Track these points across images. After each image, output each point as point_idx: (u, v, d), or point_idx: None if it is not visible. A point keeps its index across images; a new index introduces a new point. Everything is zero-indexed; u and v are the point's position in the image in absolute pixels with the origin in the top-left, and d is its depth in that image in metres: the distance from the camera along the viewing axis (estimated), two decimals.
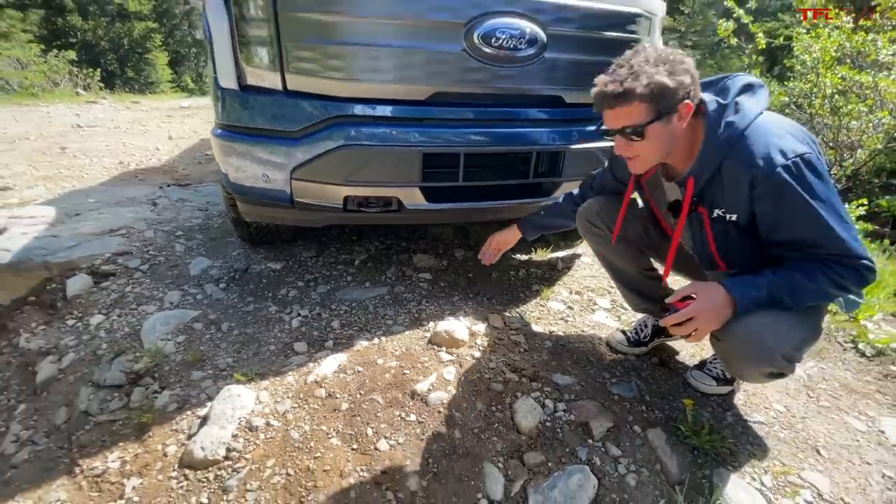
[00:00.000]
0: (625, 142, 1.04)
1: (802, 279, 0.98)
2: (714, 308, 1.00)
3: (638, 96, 0.96)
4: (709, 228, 1.09)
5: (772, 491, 1.10)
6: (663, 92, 0.96)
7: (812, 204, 0.94)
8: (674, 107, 0.98)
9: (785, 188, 0.94)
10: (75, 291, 1.93)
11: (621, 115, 1.00)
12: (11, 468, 1.34)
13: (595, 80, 1.03)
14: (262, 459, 1.17)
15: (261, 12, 1.40)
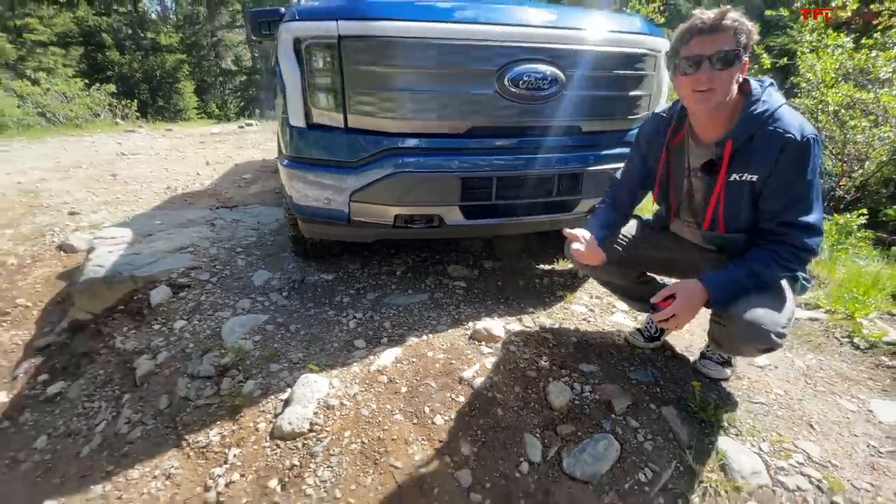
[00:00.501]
0: (710, 70, 1.17)
1: (759, 266, 1.23)
2: (690, 304, 1.24)
3: (731, 28, 1.14)
4: (723, 188, 1.29)
5: (768, 455, 1.31)
6: (747, 31, 1.16)
7: (808, 175, 1.19)
8: (746, 52, 1.17)
9: (805, 154, 1.18)
10: (158, 301, 2.23)
11: (714, 40, 1.15)
12: (127, 444, 1.62)
13: (689, 17, 1.23)
14: (340, 431, 1.43)
15: (329, 67, 1.71)
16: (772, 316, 1.23)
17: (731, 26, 1.14)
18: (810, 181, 1.20)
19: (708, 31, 1.16)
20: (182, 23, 20.99)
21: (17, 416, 1.94)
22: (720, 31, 1.15)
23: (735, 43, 1.15)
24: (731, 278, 1.24)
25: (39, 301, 2.65)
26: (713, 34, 1.15)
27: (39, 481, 1.61)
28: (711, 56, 1.16)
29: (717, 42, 1.15)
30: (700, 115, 1.30)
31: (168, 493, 1.41)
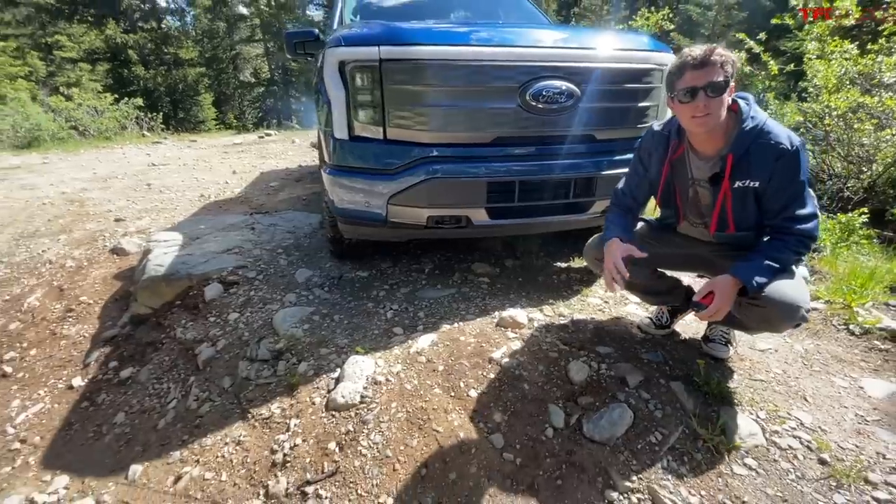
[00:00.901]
0: (705, 98, 1.36)
1: (776, 254, 1.43)
2: (729, 295, 1.42)
3: (718, 62, 1.34)
4: (730, 195, 1.48)
5: (765, 421, 1.49)
6: (731, 62, 1.36)
7: (801, 176, 1.39)
8: (732, 79, 1.38)
9: (796, 161, 1.38)
10: (212, 296, 2.48)
11: (707, 72, 1.35)
12: (198, 417, 1.86)
13: (678, 55, 1.43)
14: (387, 402, 1.64)
15: (371, 86, 1.94)
16: (799, 293, 1.44)
17: (718, 61, 1.34)
18: (802, 181, 1.41)
19: (699, 66, 1.35)
20: (201, 37, 21.74)
21: (95, 397, 2.19)
22: (709, 66, 1.35)
23: (723, 74, 1.35)
24: (757, 266, 1.42)
25: (100, 299, 2.92)
26: (704, 68, 1.35)
27: (122, 450, 1.86)
28: (705, 87, 1.35)
29: (708, 75, 1.35)
30: (699, 135, 1.50)
31: (239, 456, 1.64)
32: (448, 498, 1.36)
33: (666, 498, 1.28)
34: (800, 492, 1.28)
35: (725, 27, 15.34)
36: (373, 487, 1.41)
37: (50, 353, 2.54)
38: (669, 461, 1.39)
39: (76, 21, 18.30)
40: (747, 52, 4.63)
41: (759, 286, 1.41)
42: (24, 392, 2.33)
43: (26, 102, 10.85)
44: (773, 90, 4.91)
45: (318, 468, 1.49)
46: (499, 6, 3.86)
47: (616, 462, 1.40)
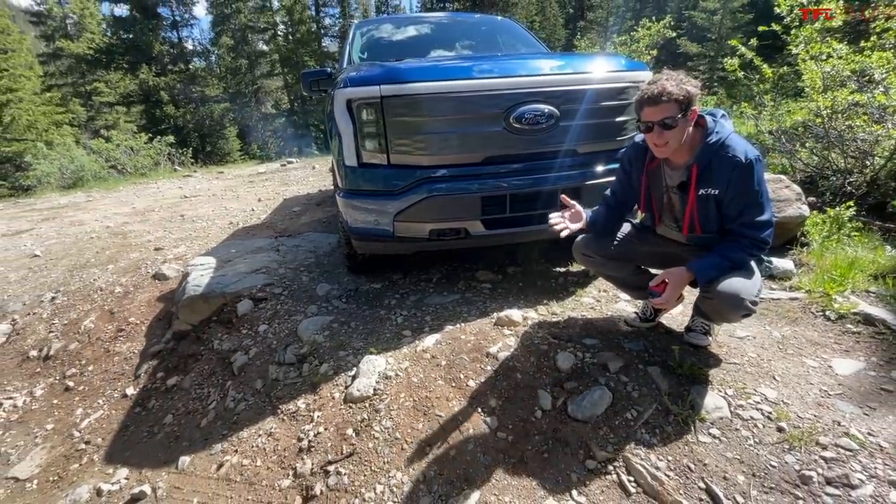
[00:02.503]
0: (659, 131, 1.56)
1: (728, 252, 1.62)
2: (680, 285, 1.64)
3: (673, 98, 1.50)
4: (695, 201, 1.68)
5: (731, 398, 1.65)
6: (687, 97, 1.51)
7: (756, 186, 1.56)
8: (689, 109, 1.54)
9: (750, 172, 1.55)
10: (243, 311, 2.78)
11: (660, 110, 1.52)
12: (235, 415, 2.13)
13: (641, 90, 1.60)
14: (397, 393, 1.88)
15: (374, 119, 2.23)
16: (746, 287, 1.62)
17: (670, 99, 1.51)
18: (758, 190, 1.57)
19: (653, 104, 1.54)
20: (225, 74, 23.05)
21: (146, 403, 2.50)
22: (661, 104, 1.52)
23: (676, 109, 1.52)
24: (709, 262, 1.63)
25: (145, 319, 3.27)
26: (657, 106, 1.53)
27: (172, 445, 2.14)
28: (659, 122, 1.55)
29: (661, 111, 1.53)
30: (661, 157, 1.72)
31: (271, 445, 1.89)
32: (449, 470, 1.57)
33: (637, 464, 1.46)
34: (756, 454, 1.44)
35: (731, 30, 15.37)
36: (384, 464, 1.63)
37: (105, 368, 2.88)
38: (642, 433, 1.57)
39: (112, 68, 19.76)
40: (740, 59, 4.77)
41: (708, 279, 1.60)
42: (85, 402, 2.66)
43: (71, 146, 11.79)
44: (769, 92, 5.02)
45: (338, 450, 1.73)
46: (497, 35, 4.16)
47: (596, 436, 1.59)
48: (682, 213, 1.78)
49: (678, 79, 1.55)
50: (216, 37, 22.85)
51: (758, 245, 1.62)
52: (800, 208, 2.97)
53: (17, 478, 2.19)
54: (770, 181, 3.12)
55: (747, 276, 1.65)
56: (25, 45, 15.87)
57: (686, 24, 17.70)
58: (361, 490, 1.57)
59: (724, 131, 1.61)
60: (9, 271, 4.30)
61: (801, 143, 4.67)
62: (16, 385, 2.91)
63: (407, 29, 4.08)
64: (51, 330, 3.29)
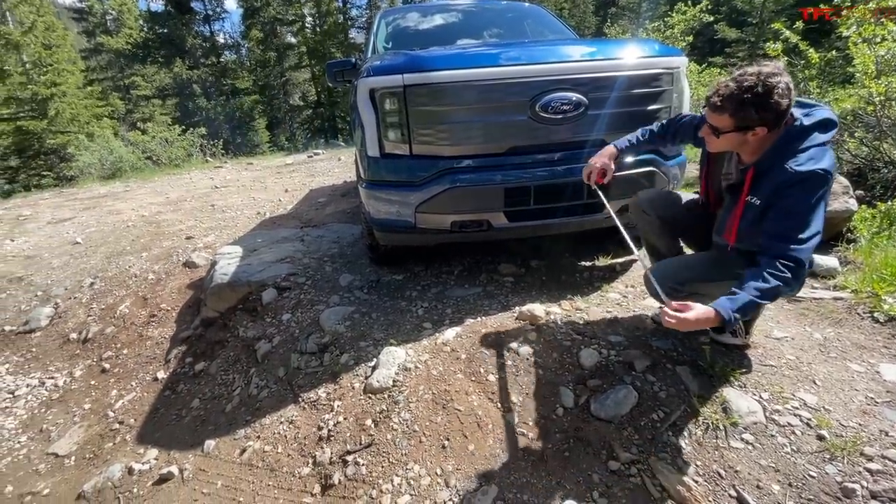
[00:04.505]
0: (709, 132, 1.46)
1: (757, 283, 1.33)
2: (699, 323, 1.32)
3: (727, 113, 1.36)
4: (742, 207, 1.48)
5: (767, 402, 1.56)
6: (745, 119, 1.34)
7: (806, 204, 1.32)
8: (751, 128, 1.36)
9: (803, 186, 1.32)
10: (268, 300, 2.83)
11: (713, 117, 1.41)
12: (258, 402, 2.16)
13: (715, 84, 1.42)
14: (416, 386, 1.86)
15: (397, 109, 2.20)
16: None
17: (729, 113, 1.36)
18: (807, 210, 1.32)
19: (713, 109, 1.40)
20: (255, 67, 23.48)
21: (175, 387, 2.58)
22: (720, 113, 1.39)
23: (728, 125, 1.38)
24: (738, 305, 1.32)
25: (176, 306, 3.37)
26: (716, 112, 1.40)
27: (198, 429, 2.20)
28: (711, 125, 1.45)
29: (717, 120, 1.41)
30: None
31: (292, 433, 1.92)
32: (467, 465, 1.55)
33: (663, 467, 1.40)
34: (793, 463, 1.36)
35: (774, 13, 14.53)
36: (402, 456, 1.63)
37: (138, 352, 2.99)
38: (670, 436, 1.50)
39: (149, 62, 20.44)
40: (783, 43, 4.50)
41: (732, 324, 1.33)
42: (119, 384, 2.77)
43: (110, 138, 12.29)
44: (814, 79, 4.73)
45: (357, 440, 1.73)
46: (525, 22, 4.05)
47: (619, 437, 1.54)
48: (728, 216, 1.58)
49: (754, 90, 1.31)
50: (246, 30, 23.25)
51: (787, 264, 1.32)
52: (847, 202, 2.79)
53: (57, 454, 2.31)
54: None
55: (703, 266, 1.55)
56: (69, 41, 16.55)
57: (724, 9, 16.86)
58: (379, 481, 1.57)
59: (803, 140, 1.36)
60: (52, 257, 4.51)
61: (849, 133, 4.37)
62: (57, 366, 3.06)
63: (432, 17, 4.02)
64: (89, 314, 3.44)
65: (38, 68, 14.76)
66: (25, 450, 2.37)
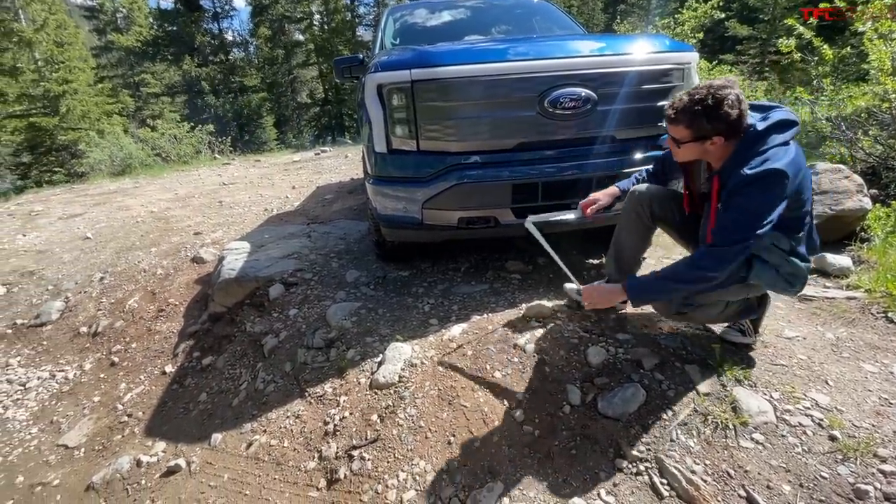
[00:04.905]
0: (671, 143, 1.54)
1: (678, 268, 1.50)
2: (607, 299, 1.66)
3: (682, 124, 1.44)
4: (713, 216, 1.50)
5: (778, 401, 1.54)
6: (700, 129, 1.41)
7: (750, 201, 1.36)
8: (707, 138, 1.42)
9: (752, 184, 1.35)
10: (275, 295, 2.84)
11: (671, 129, 1.49)
12: (265, 396, 2.17)
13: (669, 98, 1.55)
14: (422, 381, 1.86)
15: (405, 105, 2.19)
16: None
17: (684, 124, 1.43)
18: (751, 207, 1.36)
19: (669, 121, 1.49)
20: (263, 65, 23.57)
21: (183, 381, 2.60)
22: (675, 125, 1.47)
23: (688, 135, 1.45)
24: (645, 284, 1.55)
25: (184, 300, 3.39)
26: (672, 124, 1.48)
27: (205, 422, 2.21)
28: (672, 137, 1.52)
29: (675, 131, 1.49)
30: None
31: (298, 427, 1.92)
32: (472, 462, 1.54)
33: (671, 466, 1.39)
34: (804, 463, 1.34)
35: (787, 10, 14.31)
36: (408, 452, 1.63)
37: (147, 346, 3.01)
38: (678, 435, 1.48)
39: (158, 60, 20.60)
40: (797, 39, 4.43)
41: (638, 302, 1.62)
42: (128, 377, 2.80)
43: (120, 135, 12.40)
44: (828, 76, 4.65)
45: (363, 436, 1.73)
46: (533, 18, 4.02)
47: (627, 435, 1.52)
48: (705, 223, 1.61)
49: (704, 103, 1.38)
50: (254, 27, 23.34)
51: (713, 255, 1.42)
52: (860, 201, 2.74)
53: (67, 445, 2.33)
54: (828, 171, 2.89)
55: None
56: (80, 39, 16.71)
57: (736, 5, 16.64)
58: (384, 476, 1.57)
59: (762, 141, 1.39)
60: (63, 252, 4.57)
61: (863, 131, 4.30)
62: (68, 359, 3.09)
63: (440, 14, 4.01)
64: (99, 308, 3.47)
65: (49, 65, 14.92)
66: (36, 441, 2.40)
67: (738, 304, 1.68)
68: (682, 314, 1.66)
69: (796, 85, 5.63)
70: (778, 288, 1.58)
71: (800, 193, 1.44)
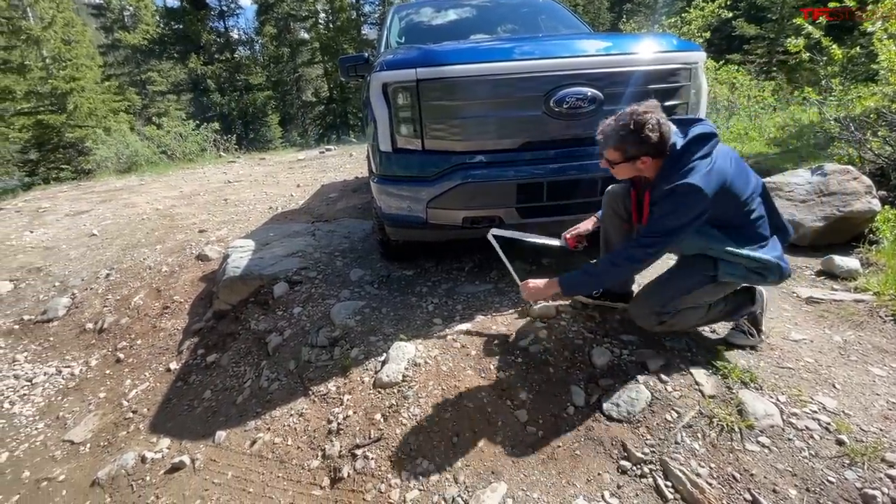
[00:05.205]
0: (608, 164, 1.66)
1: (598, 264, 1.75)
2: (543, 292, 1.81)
3: (610, 147, 1.59)
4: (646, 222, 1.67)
5: (784, 405, 1.53)
6: (627, 150, 1.55)
7: (668, 209, 1.52)
8: (636, 158, 1.56)
9: (662, 201, 1.53)
10: (279, 293, 2.84)
11: (604, 152, 1.63)
12: (269, 394, 2.18)
13: (600, 123, 1.64)
14: (425, 381, 1.86)
15: (410, 103, 2.19)
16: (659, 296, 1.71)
17: (611, 146, 1.58)
18: (668, 213, 1.52)
19: (600, 145, 1.63)
20: (268, 63, 23.63)
21: (187, 378, 2.61)
22: (604, 147, 1.61)
23: (618, 157, 1.59)
24: (574, 276, 1.76)
25: (189, 297, 3.41)
26: (602, 147, 1.63)
27: (210, 419, 2.22)
28: (607, 159, 1.66)
29: (607, 153, 1.63)
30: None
31: (302, 425, 1.92)
32: (476, 462, 1.54)
33: (676, 469, 1.38)
34: (811, 468, 1.33)
35: (795, 9, 14.17)
36: (411, 451, 1.63)
37: (152, 343, 3.03)
38: (683, 437, 1.48)
39: (164, 58, 20.70)
40: (806, 38, 4.38)
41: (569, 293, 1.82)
42: (133, 374, 2.81)
43: (126, 133, 12.46)
44: (837, 76, 4.61)
45: (366, 435, 1.74)
46: (539, 17, 4.00)
47: (631, 437, 1.51)
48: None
49: (627, 129, 1.51)
50: (260, 26, 23.39)
51: (626, 254, 1.63)
52: (869, 202, 2.71)
53: (73, 441, 2.35)
54: (836, 172, 2.87)
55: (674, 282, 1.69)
56: (87, 37, 16.82)
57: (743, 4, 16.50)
58: (388, 475, 1.57)
59: (680, 162, 1.52)
60: (70, 248, 4.60)
61: (872, 132, 4.26)
62: (74, 355, 3.12)
63: (446, 12, 4.00)
64: (105, 304, 3.50)
65: (57, 63, 15.03)
66: (42, 436, 2.42)
67: (723, 303, 1.77)
68: (664, 323, 1.75)
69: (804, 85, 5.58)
70: (753, 281, 1.68)
71: (732, 196, 1.55)
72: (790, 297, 2.26)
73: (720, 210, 1.54)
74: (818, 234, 2.76)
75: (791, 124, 7.09)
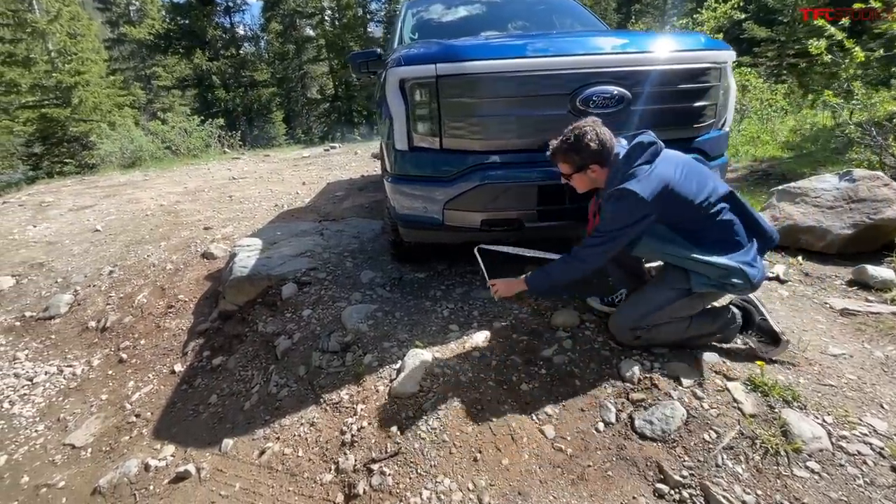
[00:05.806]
0: (565, 178, 1.77)
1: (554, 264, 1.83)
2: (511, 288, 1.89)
3: (559, 160, 1.73)
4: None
5: (832, 426, 1.43)
6: (574, 162, 1.69)
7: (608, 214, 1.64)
8: (585, 167, 1.69)
9: (605, 205, 1.65)
10: (288, 294, 2.76)
11: (558, 164, 1.76)
12: (278, 401, 2.09)
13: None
14: (444, 392, 1.77)
15: (428, 100, 2.09)
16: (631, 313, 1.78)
17: (559, 159, 1.73)
18: (606, 219, 1.65)
19: (551, 159, 1.77)
20: (273, 59, 23.55)
21: (192, 381, 2.53)
22: (555, 161, 1.76)
23: (569, 168, 1.73)
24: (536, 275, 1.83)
25: (194, 297, 3.33)
26: (553, 161, 1.77)
27: (216, 426, 2.13)
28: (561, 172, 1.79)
29: (560, 166, 1.77)
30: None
31: (313, 436, 1.84)
32: (501, 481, 1.45)
33: (719, 494, 1.29)
34: (868, 497, 1.23)
35: None
36: (431, 468, 1.54)
37: (156, 343, 2.95)
38: (724, 459, 1.38)
39: (170, 53, 20.63)
40: (827, 40, 4.27)
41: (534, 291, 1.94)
42: (136, 375, 2.73)
43: (131, 128, 12.39)
44: (857, 79, 4.50)
45: (382, 448, 1.65)
46: (553, 14, 3.91)
47: (667, 457, 1.42)
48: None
49: (575, 145, 1.66)
50: (266, 22, 23.30)
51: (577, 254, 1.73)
52: None
53: (74, 445, 2.27)
54: (866, 178, 2.77)
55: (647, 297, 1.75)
56: (93, 31, 16.73)
57: (753, 6, 16.32)
58: (406, 494, 1.48)
59: (622, 173, 1.62)
60: (73, 244, 4.52)
61: (894, 137, 4.15)
62: (75, 354, 3.03)
63: (459, 8, 3.90)
64: (108, 302, 3.41)
65: (62, 57, 14.96)
66: (42, 439, 2.34)
67: (708, 318, 1.78)
68: (639, 338, 1.78)
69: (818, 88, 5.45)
70: (728, 290, 1.70)
71: (681, 200, 1.59)
72: (823, 309, 2.17)
73: (672, 213, 1.62)
74: (846, 242, 2.67)
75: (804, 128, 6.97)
